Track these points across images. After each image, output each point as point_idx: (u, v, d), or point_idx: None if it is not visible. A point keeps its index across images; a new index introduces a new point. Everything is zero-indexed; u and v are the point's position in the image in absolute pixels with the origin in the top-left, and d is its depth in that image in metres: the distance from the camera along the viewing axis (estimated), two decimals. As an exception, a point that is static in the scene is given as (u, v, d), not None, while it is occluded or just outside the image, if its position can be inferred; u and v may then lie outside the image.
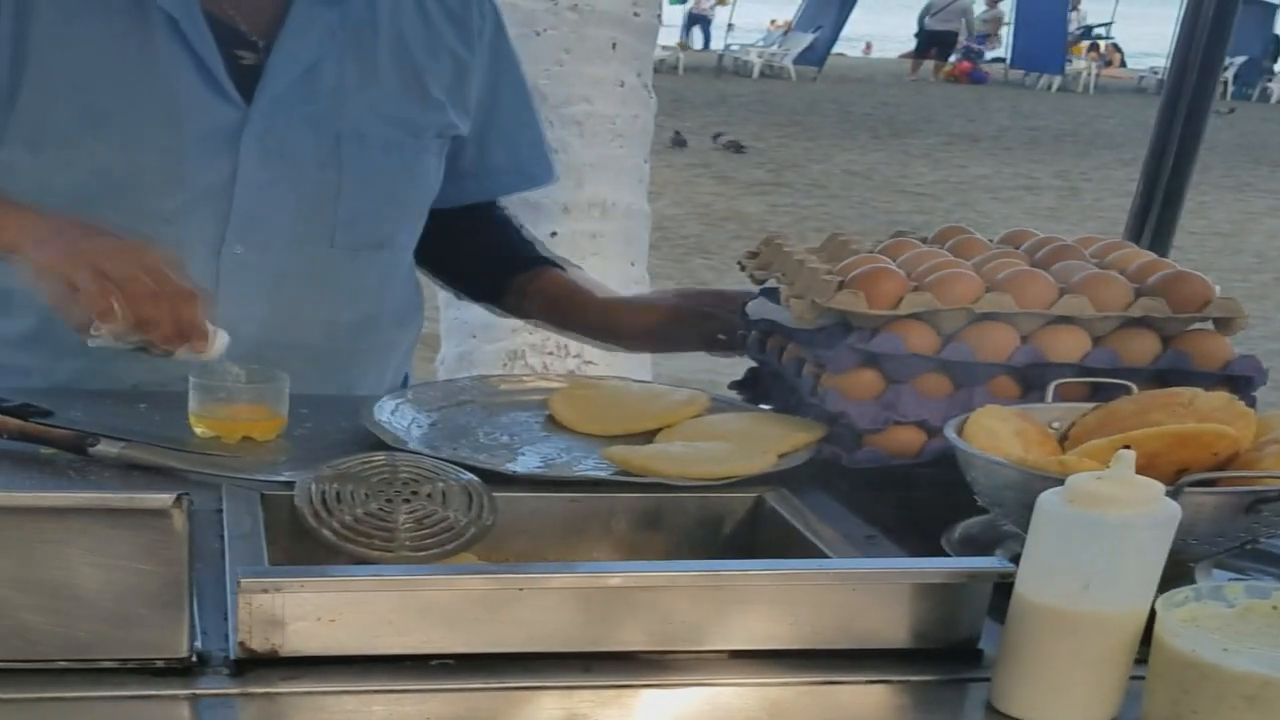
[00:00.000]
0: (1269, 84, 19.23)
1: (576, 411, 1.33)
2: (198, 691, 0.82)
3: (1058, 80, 18.91)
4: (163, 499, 0.99)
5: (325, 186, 1.41)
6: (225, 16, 1.38)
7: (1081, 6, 20.73)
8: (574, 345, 2.79)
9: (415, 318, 1.60)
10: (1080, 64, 19.76)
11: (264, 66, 1.37)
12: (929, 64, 19.93)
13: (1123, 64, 21.63)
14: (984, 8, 20.80)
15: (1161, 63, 17.45)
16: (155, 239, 1.35)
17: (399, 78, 1.44)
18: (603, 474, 1.17)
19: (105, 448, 1.16)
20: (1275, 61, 20.30)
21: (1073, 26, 20.25)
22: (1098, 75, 19.57)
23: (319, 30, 1.40)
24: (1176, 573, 0.92)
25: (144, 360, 1.34)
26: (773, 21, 21.67)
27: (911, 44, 21.36)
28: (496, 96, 1.53)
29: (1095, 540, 0.82)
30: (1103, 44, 21.43)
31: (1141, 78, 19.65)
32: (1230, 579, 1.02)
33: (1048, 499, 0.84)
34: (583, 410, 1.33)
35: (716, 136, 11.00)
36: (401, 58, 1.44)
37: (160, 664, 0.83)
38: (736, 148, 10.74)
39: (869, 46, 23.02)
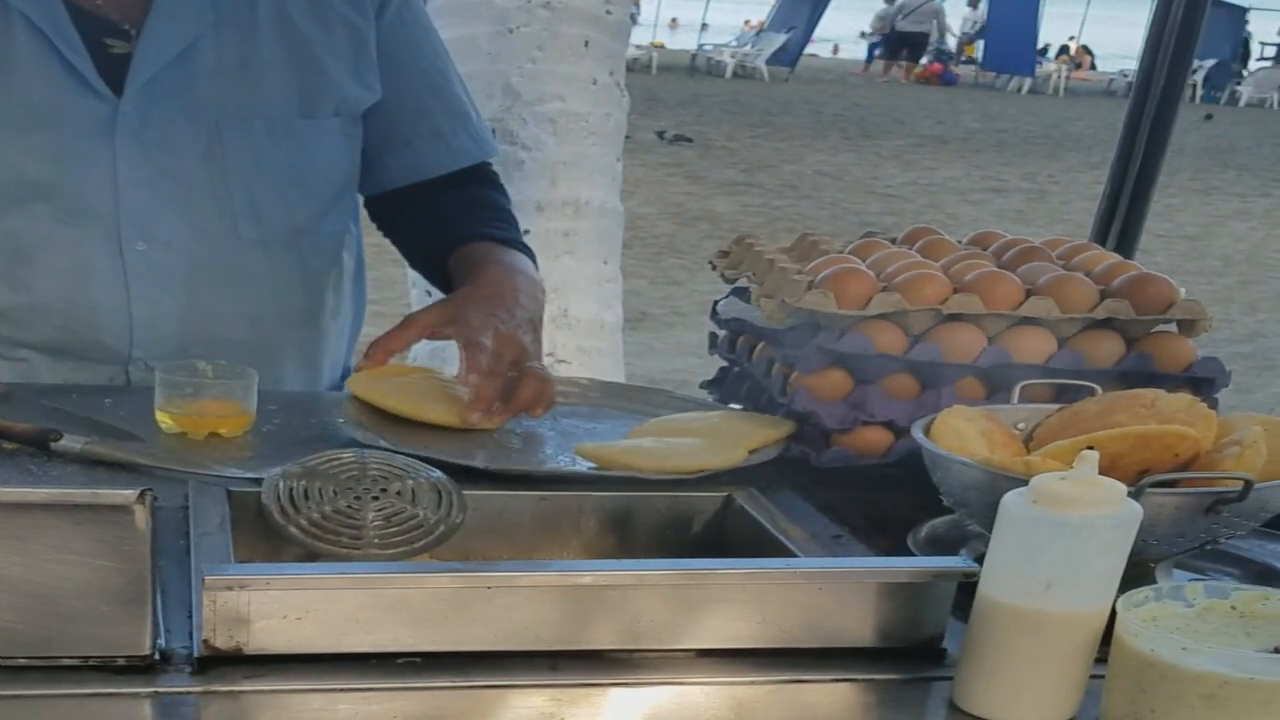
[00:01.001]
0: (1238, 87, 19.43)
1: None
2: (160, 690, 0.82)
3: (1028, 82, 19.05)
4: (126, 495, 0.98)
5: (213, 176, 1.36)
6: (91, 6, 1.33)
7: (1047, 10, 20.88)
8: (547, 343, 2.78)
9: (353, 308, 1.55)
10: (1050, 67, 19.92)
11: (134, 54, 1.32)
12: (877, 64, 20.02)
13: (1093, 67, 21.83)
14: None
15: (1132, 65, 17.59)
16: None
17: (284, 55, 1.38)
18: (575, 469, 1.17)
19: (69, 443, 1.15)
20: (1244, 65, 20.52)
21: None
22: (1068, 78, 19.73)
23: (189, 12, 1.33)
24: (1137, 573, 0.93)
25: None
26: (746, 22, 21.72)
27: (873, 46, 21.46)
28: (404, 65, 1.46)
29: (1058, 540, 0.83)
30: (1073, 46, 21.61)
31: (1111, 80, 19.83)
32: (1190, 579, 1.03)
33: (1012, 499, 0.85)
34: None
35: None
36: (287, 34, 1.38)
37: (122, 662, 0.82)
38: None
39: (836, 48, 23.09)
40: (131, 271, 1.35)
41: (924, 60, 20.11)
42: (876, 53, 21.13)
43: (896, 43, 20.42)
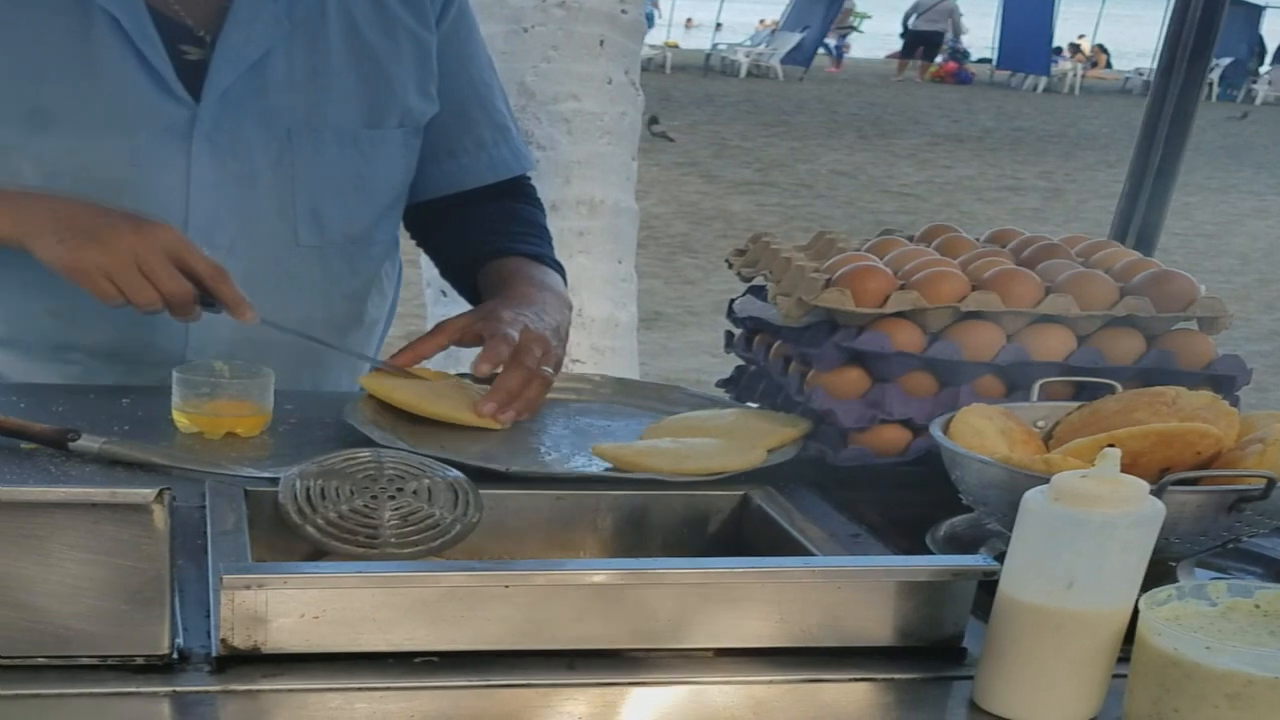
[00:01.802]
0: (1254, 85, 19.32)
1: None
2: (178, 689, 0.82)
3: (1043, 81, 18.97)
4: (144, 494, 0.98)
5: (281, 184, 1.38)
6: (169, 11, 1.34)
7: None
8: (561, 343, 2.78)
9: (390, 313, 1.58)
10: (1066, 65, 19.83)
11: (209, 62, 1.34)
12: (912, 63, 19.98)
13: (1108, 65, 21.71)
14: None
15: (1147, 64, 17.50)
16: None
17: (353, 66, 1.39)
18: (593, 470, 1.17)
19: (87, 442, 1.15)
20: (1261, 63, 20.39)
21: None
22: (1083, 76, 19.64)
23: (265, 22, 1.35)
24: (1159, 571, 0.93)
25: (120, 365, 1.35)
26: (761, 21, 21.69)
27: (897, 44, 21.42)
28: (457, 75, 1.48)
29: (1079, 539, 0.82)
30: (1084, 44, 21.51)
31: (1127, 79, 19.73)
32: (1212, 578, 1.02)
33: (1032, 497, 0.85)
34: None
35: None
36: (355, 44, 1.40)
37: (140, 661, 0.82)
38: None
39: (849, 46, 23.01)
40: None
41: (939, 59, 20.04)
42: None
43: (911, 41, 20.35)
